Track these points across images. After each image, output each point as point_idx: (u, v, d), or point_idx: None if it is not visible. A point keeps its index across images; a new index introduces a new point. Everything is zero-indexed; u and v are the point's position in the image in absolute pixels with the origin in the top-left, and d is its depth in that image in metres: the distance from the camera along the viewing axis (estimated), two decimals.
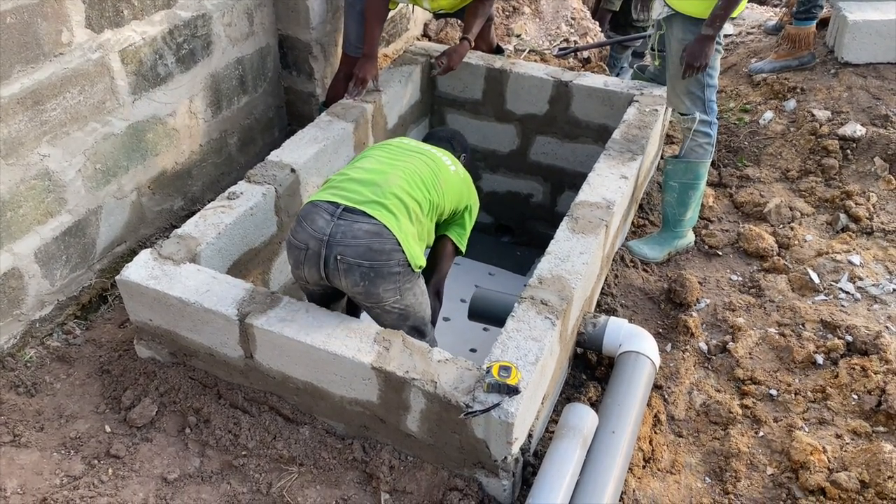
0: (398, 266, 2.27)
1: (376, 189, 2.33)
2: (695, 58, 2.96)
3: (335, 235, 2.24)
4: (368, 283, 2.26)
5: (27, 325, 2.79)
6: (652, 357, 2.57)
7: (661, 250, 3.32)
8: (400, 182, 2.38)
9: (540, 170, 4.06)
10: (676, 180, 3.26)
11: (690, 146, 3.21)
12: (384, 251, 2.23)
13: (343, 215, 2.26)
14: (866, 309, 2.97)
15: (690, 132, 3.18)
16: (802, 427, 2.53)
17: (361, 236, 2.23)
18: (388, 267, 2.25)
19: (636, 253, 3.31)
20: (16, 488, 2.26)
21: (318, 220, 2.27)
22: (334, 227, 2.24)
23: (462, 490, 2.21)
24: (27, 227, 2.70)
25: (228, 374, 2.52)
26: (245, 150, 3.79)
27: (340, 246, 2.23)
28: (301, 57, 3.79)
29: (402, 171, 2.43)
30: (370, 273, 2.24)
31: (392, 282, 2.29)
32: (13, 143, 2.55)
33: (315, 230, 2.26)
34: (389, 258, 2.25)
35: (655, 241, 3.35)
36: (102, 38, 2.79)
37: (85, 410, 2.53)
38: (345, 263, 2.24)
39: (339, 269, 2.25)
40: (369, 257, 2.23)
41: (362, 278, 2.25)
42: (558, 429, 2.29)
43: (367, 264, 2.23)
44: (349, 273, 2.25)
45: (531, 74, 3.76)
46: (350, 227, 2.24)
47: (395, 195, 2.33)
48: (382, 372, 2.15)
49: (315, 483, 2.28)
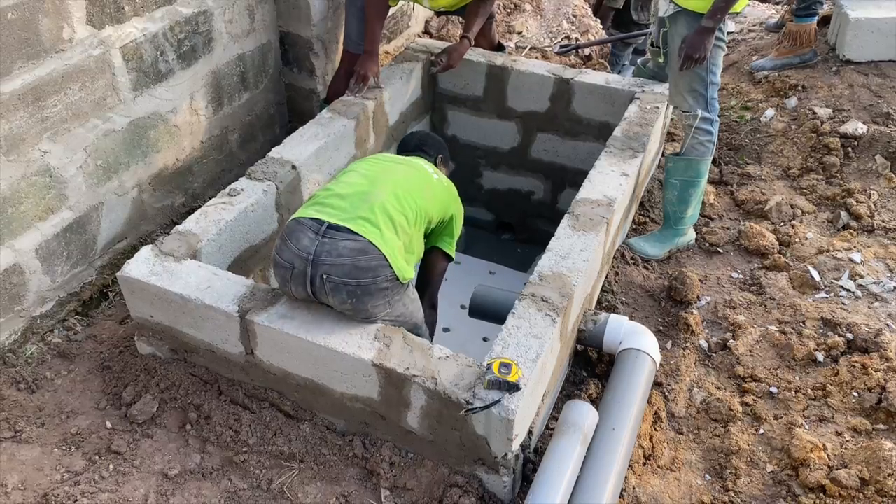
0: (385, 282, 2.24)
1: (361, 204, 2.31)
2: (694, 49, 2.96)
3: (320, 255, 2.20)
4: (356, 301, 2.23)
5: (28, 322, 2.80)
6: (652, 354, 2.57)
7: (661, 248, 3.32)
8: (386, 195, 2.35)
9: (541, 167, 4.06)
10: (677, 177, 3.26)
11: (692, 143, 3.21)
12: (370, 268, 2.20)
13: (327, 233, 2.23)
14: (867, 307, 2.97)
15: (692, 129, 3.18)
16: (803, 424, 2.53)
17: (347, 255, 2.19)
18: (374, 284, 2.22)
19: (637, 250, 3.31)
20: (17, 484, 2.26)
21: (303, 238, 2.24)
22: (319, 246, 2.21)
23: (462, 486, 2.22)
24: (28, 224, 2.70)
25: (229, 371, 2.52)
26: (246, 147, 3.79)
27: (326, 265, 2.19)
28: (302, 54, 3.79)
29: (389, 182, 2.41)
30: (357, 291, 2.21)
31: (380, 297, 2.26)
32: (14, 139, 2.55)
33: (300, 249, 2.22)
34: (376, 275, 2.22)
35: (656, 238, 3.35)
36: (103, 34, 2.79)
37: (86, 406, 2.53)
38: (331, 283, 2.20)
39: (326, 287, 2.21)
40: (355, 276, 2.19)
41: (349, 296, 2.21)
42: (559, 426, 2.30)
43: (353, 283, 2.19)
44: (336, 292, 2.21)
45: (532, 72, 3.76)
46: (335, 246, 2.21)
47: (382, 208, 2.31)
48: (383, 368, 2.15)
49: (315, 479, 2.28)
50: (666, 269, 3.28)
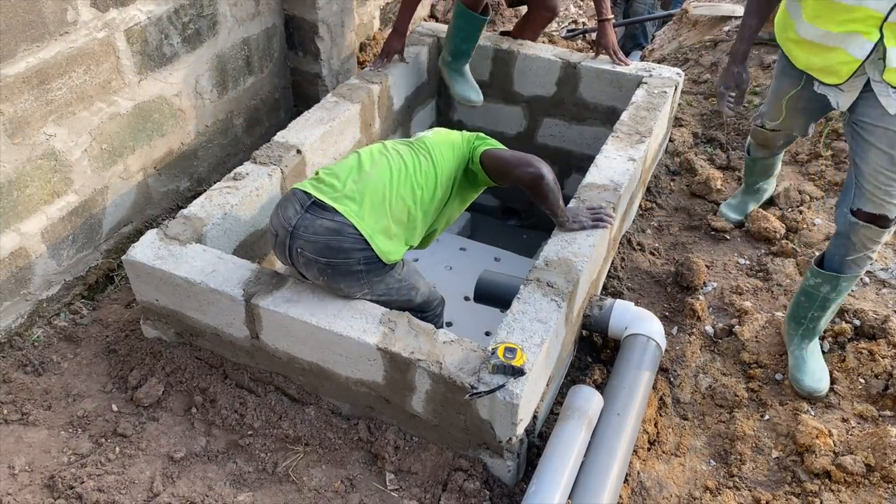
0: (359, 264, 2.24)
1: (352, 185, 2.30)
2: None
3: (298, 228, 2.23)
4: (328, 279, 2.25)
5: (34, 305, 2.80)
6: (658, 340, 2.56)
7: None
8: (380, 178, 2.33)
9: (547, 152, 4.03)
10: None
11: (867, 256, 2.49)
12: (342, 249, 2.21)
13: (311, 208, 2.25)
14: (874, 293, 2.96)
15: (878, 244, 2.46)
16: (808, 410, 2.53)
17: (321, 233, 2.21)
18: (346, 265, 2.22)
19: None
20: (24, 466, 2.28)
21: (290, 209, 2.28)
22: (300, 220, 2.24)
23: (466, 470, 2.22)
24: (34, 207, 2.70)
25: (234, 355, 2.53)
26: (251, 131, 3.78)
27: (301, 239, 2.23)
28: (307, 37, 3.77)
29: (385, 168, 2.37)
30: (328, 269, 2.23)
31: (354, 279, 2.26)
32: (19, 122, 2.54)
33: (285, 219, 2.27)
34: (348, 256, 2.22)
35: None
36: (108, 16, 2.78)
37: (92, 390, 2.54)
38: (304, 257, 2.24)
39: (300, 261, 2.26)
40: (326, 254, 2.21)
41: (321, 273, 2.24)
42: (563, 410, 2.29)
43: (323, 261, 2.21)
44: (309, 267, 2.25)
45: (539, 56, 3.73)
46: (313, 223, 2.23)
47: (372, 190, 2.29)
48: (388, 353, 2.15)
49: (320, 463, 2.29)
50: (672, 255, 3.26)
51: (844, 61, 2.30)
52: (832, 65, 2.35)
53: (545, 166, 2.40)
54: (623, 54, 3.68)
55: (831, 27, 2.29)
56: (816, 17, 2.32)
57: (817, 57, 2.40)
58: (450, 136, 2.59)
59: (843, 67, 2.31)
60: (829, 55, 2.35)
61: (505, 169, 2.47)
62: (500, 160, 2.48)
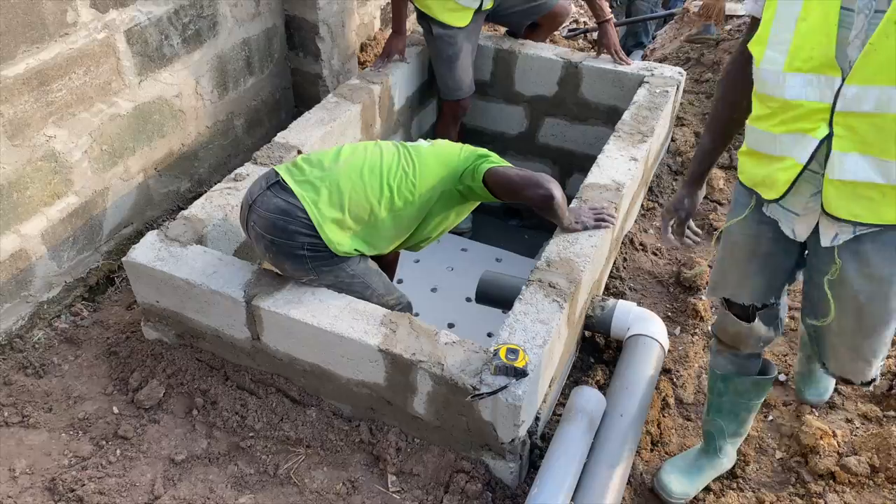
0: (303, 249, 2.26)
1: (319, 171, 2.32)
2: None
3: (257, 203, 2.30)
4: (273, 257, 2.32)
5: (35, 307, 2.80)
6: (661, 340, 2.55)
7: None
8: (349, 170, 2.31)
9: (549, 152, 4.03)
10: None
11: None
12: (287, 231, 2.25)
13: (273, 187, 2.31)
14: None
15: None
16: (812, 411, 2.52)
17: (273, 211, 2.26)
18: (289, 247, 2.26)
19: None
20: (25, 468, 2.27)
21: (258, 184, 2.36)
22: (260, 196, 2.31)
23: (469, 472, 2.21)
24: (34, 209, 2.69)
25: (235, 356, 2.52)
26: (251, 132, 3.77)
27: (255, 214, 2.30)
28: (308, 38, 3.76)
29: (359, 161, 2.35)
30: (272, 247, 2.28)
31: (298, 263, 2.29)
32: (19, 123, 2.54)
33: (250, 193, 2.35)
34: (291, 239, 2.25)
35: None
36: (108, 17, 2.77)
37: (93, 392, 2.54)
38: (254, 231, 2.32)
39: (252, 234, 2.34)
40: (271, 232, 2.26)
41: (266, 250, 2.31)
42: (566, 412, 2.28)
43: (268, 237, 2.28)
44: (258, 241, 2.33)
45: (540, 55, 3.72)
46: (269, 200, 2.28)
47: (334, 180, 2.28)
48: (389, 354, 2.14)
49: (322, 464, 2.28)
50: (675, 255, 3.25)
51: (784, 167, 1.67)
52: (771, 172, 1.72)
53: (554, 185, 2.35)
54: (625, 54, 3.67)
55: (774, 128, 1.68)
56: (758, 119, 1.74)
57: (760, 167, 1.77)
58: (445, 150, 2.48)
59: (782, 175, 1.68)
60: (773, 163, 1.71)
61: (513, 189, 2.39)
62: (508, 180, 2.38)
